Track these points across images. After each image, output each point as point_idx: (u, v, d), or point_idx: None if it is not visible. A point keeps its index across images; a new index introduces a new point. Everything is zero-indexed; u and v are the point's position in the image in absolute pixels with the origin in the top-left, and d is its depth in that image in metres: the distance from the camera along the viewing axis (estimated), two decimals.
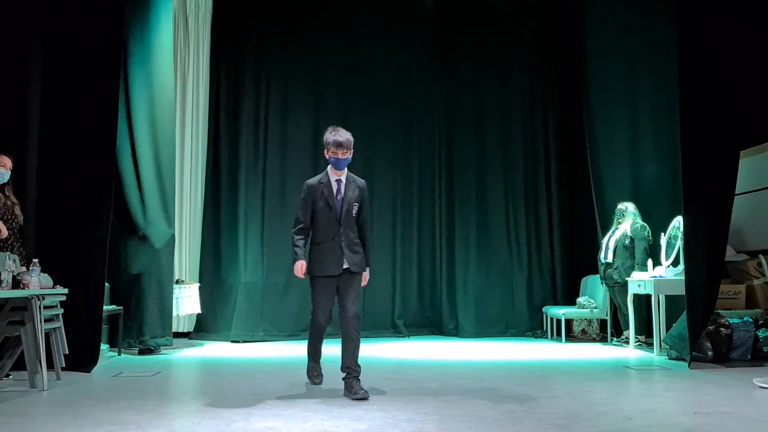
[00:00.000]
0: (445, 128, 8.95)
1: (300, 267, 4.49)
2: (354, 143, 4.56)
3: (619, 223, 7.39)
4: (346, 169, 4.60)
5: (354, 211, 4.55)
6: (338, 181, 4.57)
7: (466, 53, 9.02)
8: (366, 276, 4.64)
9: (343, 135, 4.50)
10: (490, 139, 8.94)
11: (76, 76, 5.82)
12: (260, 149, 8.56)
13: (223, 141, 8.55)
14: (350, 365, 4.38)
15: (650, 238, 7.14)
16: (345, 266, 4.46)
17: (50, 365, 4.99)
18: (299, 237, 4.56)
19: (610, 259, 7.34)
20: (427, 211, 8.92)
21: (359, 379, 4.39)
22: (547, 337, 8.36)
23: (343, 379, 4.41)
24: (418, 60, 8.99)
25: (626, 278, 7.09)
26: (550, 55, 9.09)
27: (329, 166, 4.58)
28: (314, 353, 4.85)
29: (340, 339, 4.45)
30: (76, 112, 5.79)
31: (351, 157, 4.54)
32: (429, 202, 8.93)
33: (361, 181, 4.69)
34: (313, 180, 4.63)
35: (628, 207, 7.35)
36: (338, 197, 4.52)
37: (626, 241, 7.21)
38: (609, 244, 7.39)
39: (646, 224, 7.23)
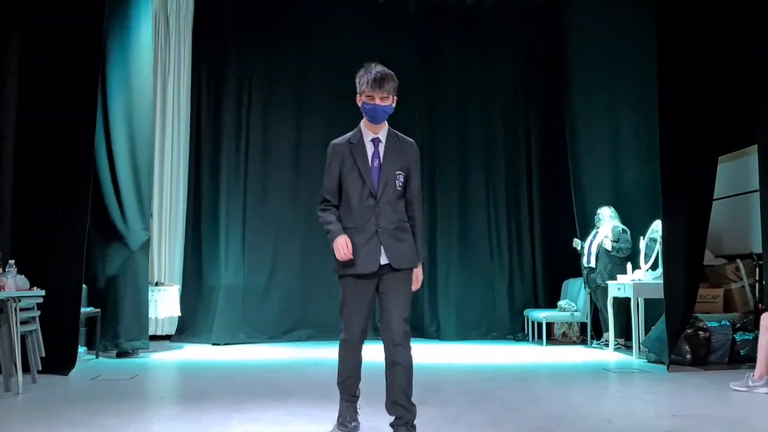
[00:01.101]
0: (428, 131, 8.95)
1: (343, 243, 3.17)
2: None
3: (598, 227, 7.45)
4: (386, 123, 3.34)
5: (398, 184, 3.28)
6: (375, 141, 3.30)
7: (450, 57, 9.04)
8: (419, 275, 3.36)
9: (384, 71, 3.30)
10: (473, 143, 8.96)
11: (54, 76, 5.74)
12: (242, 150, 8.52)
13: (204, 142, 8.51)
14: (402, 403, 3.18)
15: (630, 241, 7.20)
16: (384, 261, 3.22)
17: (26, 368, 4.90)
18: (326, 213, 3.30)
19: (593, 264, 7.39)
20: None
21: (414, 426, 3.19)
22: (528, 340, 8.39)
23: (392, 425, 3.22)
24: (402, 64, 8.96)
25: (608, 281, 7.14)
26: (532, 60, 9.13)
27: (363, 121, 3.35)
28: (347, 385, 3.44)
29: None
30: (53, 112, 5.71)
31: (394, 106, 3.30)
32: None
33: (410, 141, 3.39)
34: (341, 140, 3.35)
35: (606, 211, 7.42)
36: (374, 164, 3.27)
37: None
38: (591, 248, 7.44)
39: (627, 228, 7.29)
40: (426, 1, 9.03)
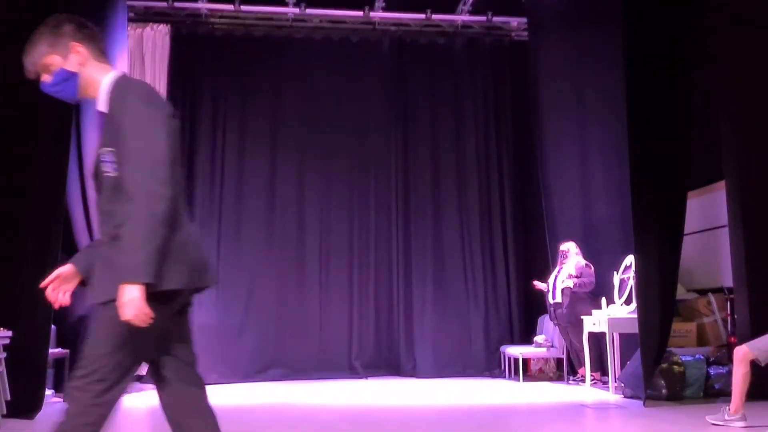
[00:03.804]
0: (401, 170, 8.96)
1: None
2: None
3: (562, 263, 7.49)
4: (101, 80, 2.23)
5: (106, 169, 2.12)
6: (100, 114, 2.25)
7: (422, 99, 9.12)
8: (130, 298, 2.00)
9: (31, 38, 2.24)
10: (446, 181, 9.01)
11: (28, 118, 5.69)
12: (216, 190, 8.47)
13: None
14: None
15: (593, 275, 7.26)
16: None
17: None
18: None
19: (559, 299, 7.42)
20: (383, 255, 8.83)
21: None
22: (504, 376, 8.35)
23: None
24: (375, 107, 9.06)
25: (583, 316, 7.15)
26: (504, 98, 9.27)
27: None
28: None
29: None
30: (25, 150, 5.65)
31: (56, 80, 2.26)
32: (385, 245, 8.86)
33: (131, 84, 2.23)
34: None
35: (570, 247, 7.46)
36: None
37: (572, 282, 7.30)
38: (556, 284, 7.47)
39: (590, 264, 7.35)
40: (398, 40, 9.17)
